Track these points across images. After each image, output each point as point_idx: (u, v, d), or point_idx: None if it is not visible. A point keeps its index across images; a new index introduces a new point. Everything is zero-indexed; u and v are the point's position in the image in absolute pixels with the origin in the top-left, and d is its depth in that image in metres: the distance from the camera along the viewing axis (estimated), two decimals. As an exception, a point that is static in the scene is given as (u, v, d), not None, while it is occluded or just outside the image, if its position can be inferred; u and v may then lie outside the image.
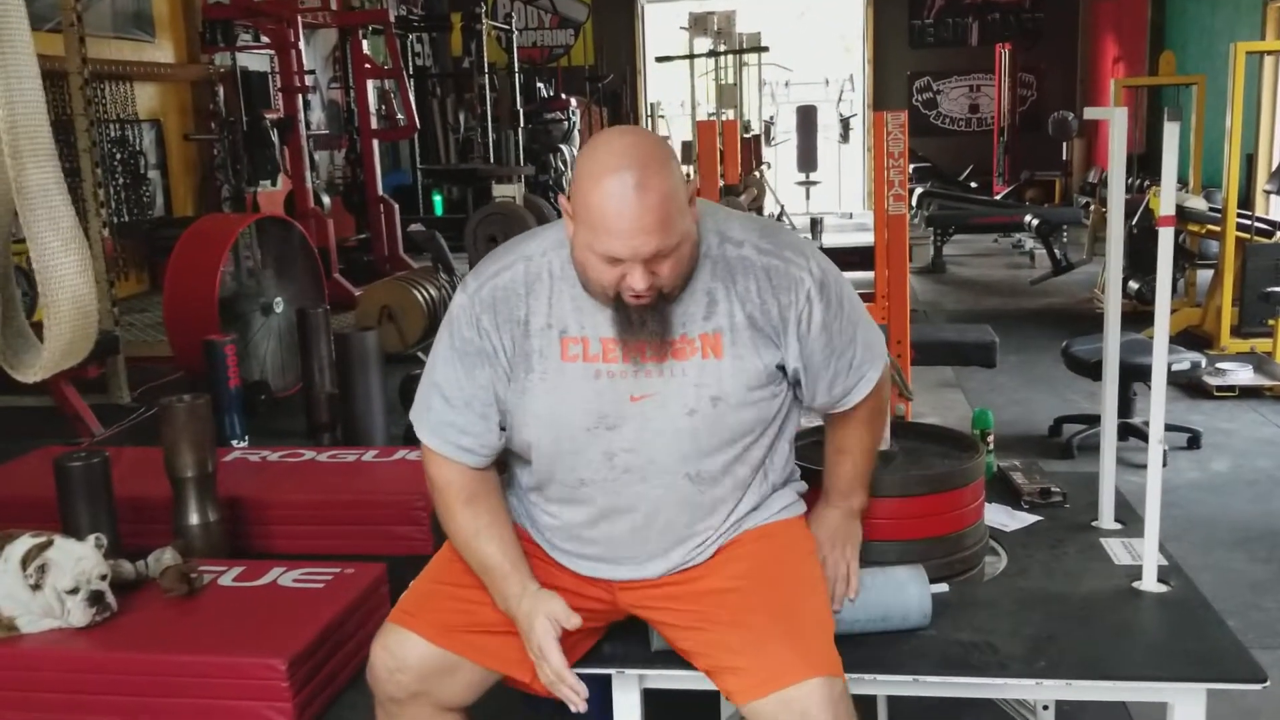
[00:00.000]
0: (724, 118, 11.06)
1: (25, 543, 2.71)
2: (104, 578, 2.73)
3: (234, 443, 4.73)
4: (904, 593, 1.82)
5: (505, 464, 1.89)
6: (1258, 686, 1.68)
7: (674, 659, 1.78)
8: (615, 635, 1.85)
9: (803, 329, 1.69)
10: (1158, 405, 1.93)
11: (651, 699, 1.85)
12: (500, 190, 8.37)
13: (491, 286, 1.71)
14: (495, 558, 1.73)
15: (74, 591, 2.67)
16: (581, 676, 1.80)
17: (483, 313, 1.70)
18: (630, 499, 1.72)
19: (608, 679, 1.82)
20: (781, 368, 1.72)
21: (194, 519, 3.39)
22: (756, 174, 11.44)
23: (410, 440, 4.67)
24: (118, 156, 9.40)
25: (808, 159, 13.94)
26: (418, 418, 1.79)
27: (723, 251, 1.68)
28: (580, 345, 1.67)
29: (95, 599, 2.70)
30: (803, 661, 1.61)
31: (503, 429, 1.75)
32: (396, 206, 9.60)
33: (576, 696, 1.68)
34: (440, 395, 1.75)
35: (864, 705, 2.18)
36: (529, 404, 1.70)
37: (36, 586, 2.65)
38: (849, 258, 7.38)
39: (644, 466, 1.70)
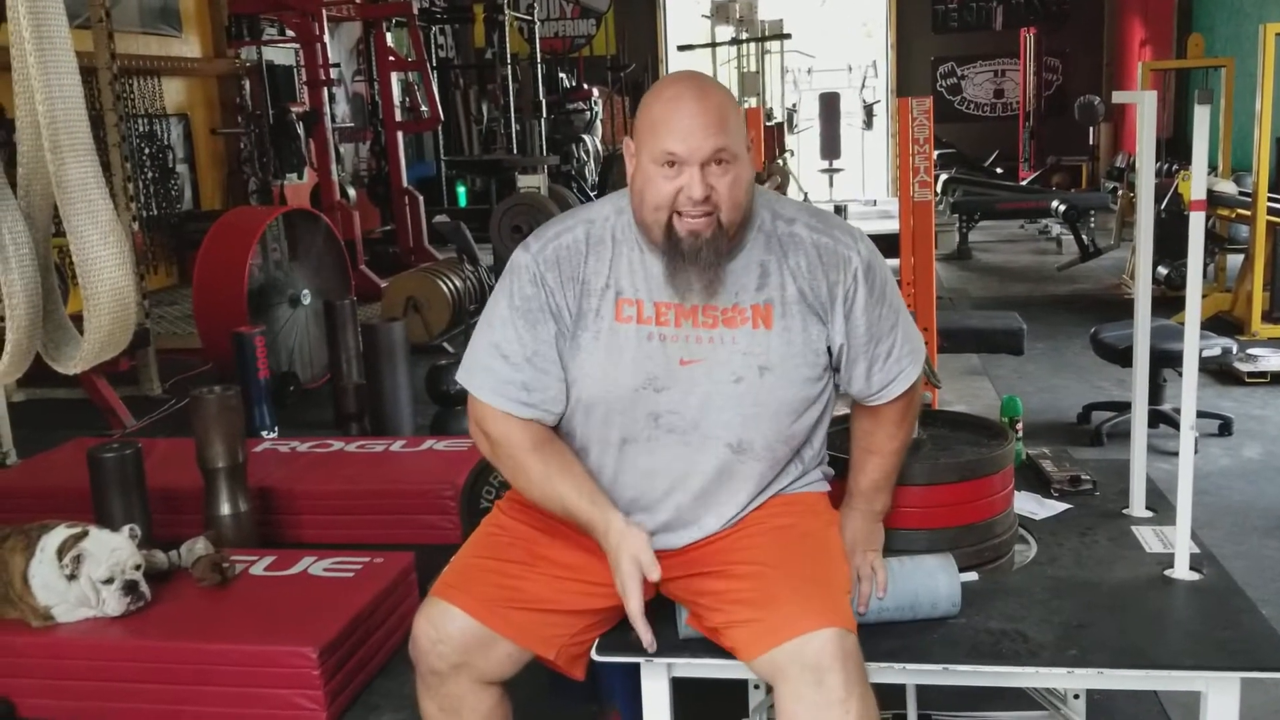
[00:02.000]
0: (747, 105, 11.03)
1: (61, 533, 2.74)
2: (138, 567, 2.77)
3: (263, 434, 4.76)
4: (933, 580, 1.82)
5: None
6: (1292, 675, 1.67)
7: (701, 647, 1.79)
8: (645, 623, 1.85)
9: (848, 307, 1.74)
10: (1189, 391, 1.92)
11: (680, 687, 1.85)
12: (524, 181, 8.38)
13: (555, 246, 1.74)
14: (572, 497, 1.74)
15: (109, 581, 2.70)
16: (611, 665, 1.82)
17: (546, 270, 1.73)
18: (669, 461, 1.76)
19: (636, 667, 1.83)
20: (829, 348, 1.76)
21: (225, 509, 3.43)
22: (780, 161, 11.41)
23: (437, 430, 4.70)
24: (146, 151, 9.49)
25: (831, 146, 13.88)
26: (472, 379, 1.78)
27: (775, 227, 1.74)
28: (634, 307, 1.72)
29: (130, 588, 2.73)
30: (815, 613, 1.62)
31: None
32: (421, 198, 9.63)
33: (646, 639, 1.72)
34: (499, 355, 1.75)
35: (893, 694, 2.18)
36: (581, 361, 1.73)
37: (72, 576, 2.68)
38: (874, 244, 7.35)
39: (687, 430, 1.74)
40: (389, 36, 9.75)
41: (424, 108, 10.85)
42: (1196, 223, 1.88)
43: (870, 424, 1.87)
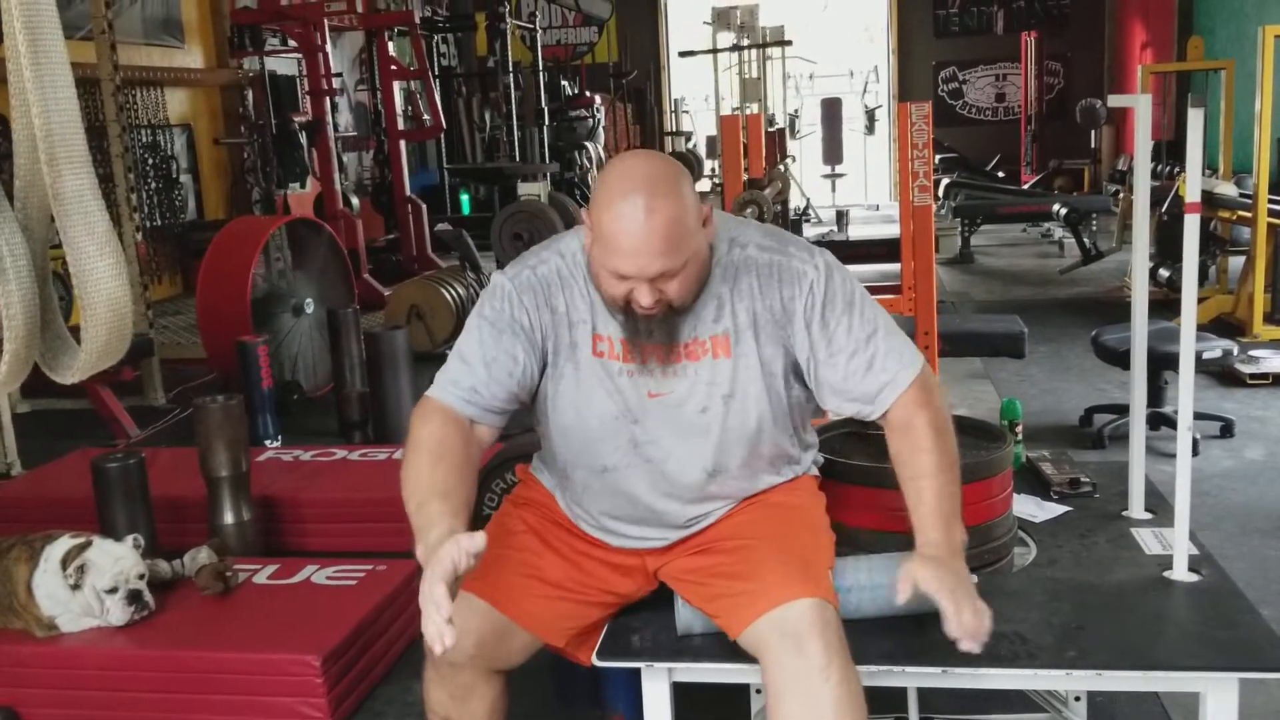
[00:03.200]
0: (748, 111, 11.05)
1: (64, 544, 2.75)
2: (142, 577, 2.78)
3: (267, 442, 4.78)
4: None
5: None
6: (1291, 675, 1.67)
7: (703, 651, 1.79)
8: (643, 628, 1.87)
9: (809, 316, 1.75)
10: (1186, 392, 1.93)
11: (681, 691, 1.86)
12: (526, 188, 8.40)
13: (529, 275, 1.79)
14: (432, 501, 1.66)
15: (113, 591, 2.71)
16: (611, 670, 1.83)
17: (523, 293, 1.78)
18: (650, 486, 1.80)
19: (638, 672, 1.84)
20: (794, 363, 1.78)
21: (228, 518, 3.44)
22: (781, 167, 11.41)
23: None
24: (150, 161, 9.51)
25: (833, 151, 13.88)
26: (432, 386, 1.82)
27: (730, 256, 1.77)
28: (606, 343, 1.77)
29: (134, 598, 2.74)
30: (795, 584, 1.66)
31: (520, 404, 1.82)
32: (424, 206, 9.65)
33: (442, 637, 1.48)
34: (459, 358, 1.80)
35: (894, 697, 2.18)
36: (564, 390, 1.78)
37: (76, 586, 2.69)
38: (876, 250, 7.35)
39: (664, 458, 1.78)
40: (391, 45, 9.76)
41: (426, 116, 10.87)
42: (1191, 225, 1.89)
43: (899, 445, 1.76)
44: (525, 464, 2.07)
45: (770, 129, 11.44)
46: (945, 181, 11.14)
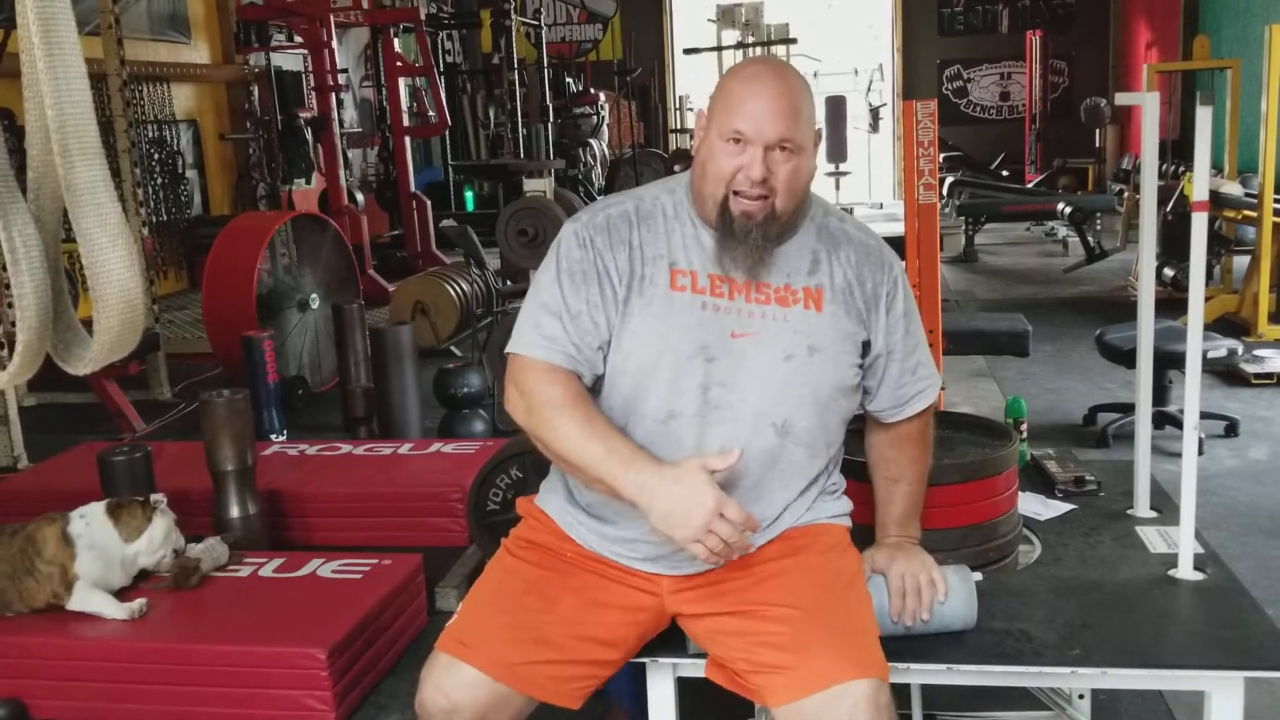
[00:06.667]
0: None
1: (100, 504, 2.83)
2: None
3: (272, 437, 4.79)
4: (951, 614, 1.78)
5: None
6: (1295, 673, 1.67)
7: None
8: (651, 623, 1.86)
9: (889, 304, 1.79)
10: (1192, 391, 1.93)
11: (684, 687, 1.86)
12: (531, 185, 8.39)
13: (605, 215, 1.77)
14: (615, 439, 1.68)
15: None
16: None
17: (595, 235, 1.75)
18: (717, 441, 1.71)
19: (642, 667, 1.84)
20: (865, 343, 1.79)
21: (234, 511, 3.45)
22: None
23: (445, 433, 4.72)
24: (156, 156, 9.52)
25: (837, 149, 13.86)
26: (516, 337, 1.75)
27: (826, 222, 1.80)
28: (689, 277, 1.73)
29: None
30: (849, 662, 1.57)
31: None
32: (429, 203, 9.66)
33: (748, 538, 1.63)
34: (546, 311, 1.73)
35: (898, 693, 2.19)
36: (634, 326, 1.72)
37: (149, 520, 2.80)
38: (880, 248, 7.35)
39: (735, 404, 1.71)
40: (396, 42, 9.77)
41: (431, 113, 10.88)
42: (1198, 224, 1.89)
43: (893, 451, 1.87)
44: (528, 494, 1.96)
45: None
46: (949, 180, 11.14)
